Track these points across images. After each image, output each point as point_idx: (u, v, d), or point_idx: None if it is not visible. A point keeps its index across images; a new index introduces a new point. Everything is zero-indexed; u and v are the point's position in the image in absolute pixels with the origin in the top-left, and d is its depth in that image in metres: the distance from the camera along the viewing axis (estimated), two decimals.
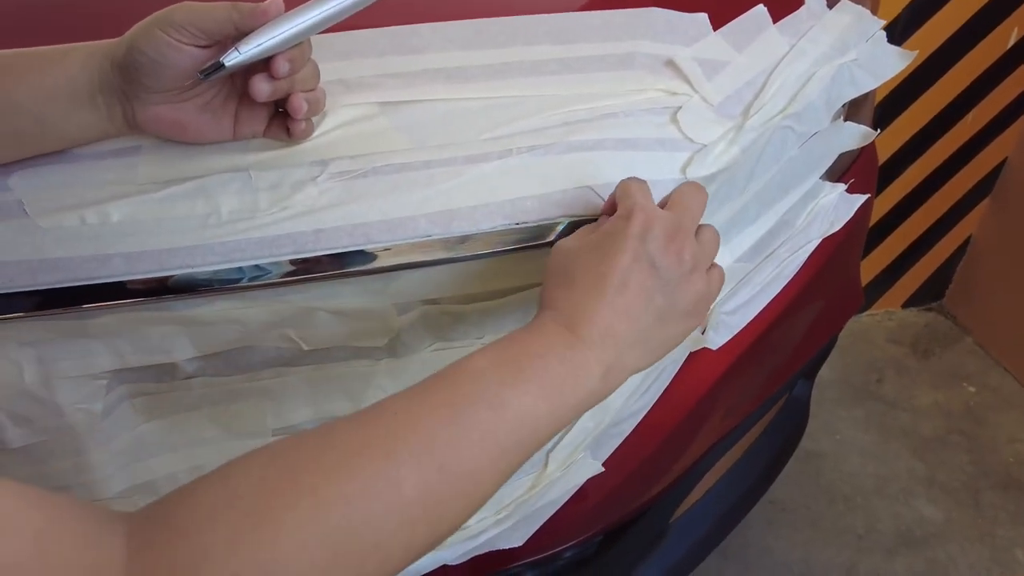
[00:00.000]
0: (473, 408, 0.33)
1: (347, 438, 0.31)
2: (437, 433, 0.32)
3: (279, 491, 0.28)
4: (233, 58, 0.38)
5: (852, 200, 0.63)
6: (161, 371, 0.48)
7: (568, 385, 0.35)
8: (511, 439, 0.34)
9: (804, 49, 0.53)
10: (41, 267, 0.41)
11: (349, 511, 0.29)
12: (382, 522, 0.30)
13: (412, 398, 0.33)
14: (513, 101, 0.47)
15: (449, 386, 0.34)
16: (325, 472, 0.29)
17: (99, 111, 0.41)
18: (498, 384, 0.34)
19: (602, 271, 0.38)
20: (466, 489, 0.32)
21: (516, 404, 0.34)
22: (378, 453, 0.30)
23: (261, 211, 0.42)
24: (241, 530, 0.27)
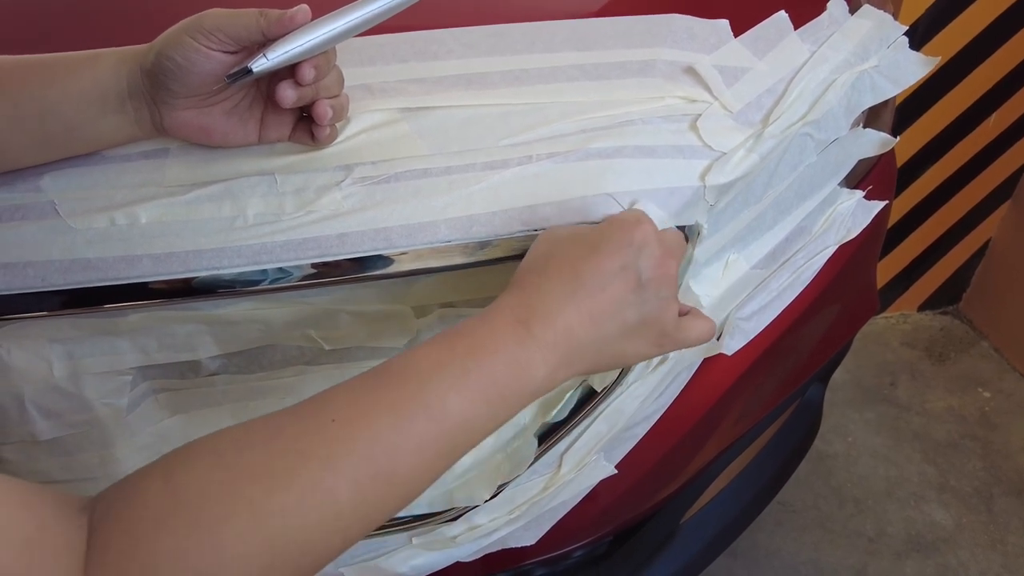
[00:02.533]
0: (414, 416, 0.33)
1: (288, 444, 0.32)
2: (376, 442, 0.32)
3: (220, 502, 0.30)
4: (260, 64, 0.39)
5: (870, 207, 0.63)
6: (185, 368, 0.49)
7: (511, 388, 0.35)
8: (449, 445, 0.34)
9: (825, 56, 0.53)
10: (72, 267, 0.42)
11: (286, 521, 0.30)
12: (317, 528, 0.31)
13: (356, 398, 0.33)
14: (533, 107, 0.48)
15: (393, 387, 0.34)
16: (264, 482, 0.30)
17: (128, 115, 0.41)
18: (443, 391, 0.34)
19: (582, 269, 0.37)
20: (400, 492, 0.33)
21: (457, 412, 0.34)
22: (316, 463, 0.31)
23: (287, 215, 0.42)
24: (186, 543, 0.29)
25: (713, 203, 0.49)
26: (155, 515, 0.29)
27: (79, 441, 0.48)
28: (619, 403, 0.53)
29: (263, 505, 0.30)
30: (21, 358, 0.45)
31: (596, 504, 0.60)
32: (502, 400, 0.35)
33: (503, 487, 0.54)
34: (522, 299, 0.37)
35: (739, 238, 0.56)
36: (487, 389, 0.35)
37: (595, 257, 0.37)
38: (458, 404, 0.34)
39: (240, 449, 0.31)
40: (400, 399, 0.33)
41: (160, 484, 0.30)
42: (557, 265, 0.38)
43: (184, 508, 0.29)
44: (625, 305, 0.38)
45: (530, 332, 0.36)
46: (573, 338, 0.37)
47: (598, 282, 0.37)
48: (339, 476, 0.31)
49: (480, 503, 0.54)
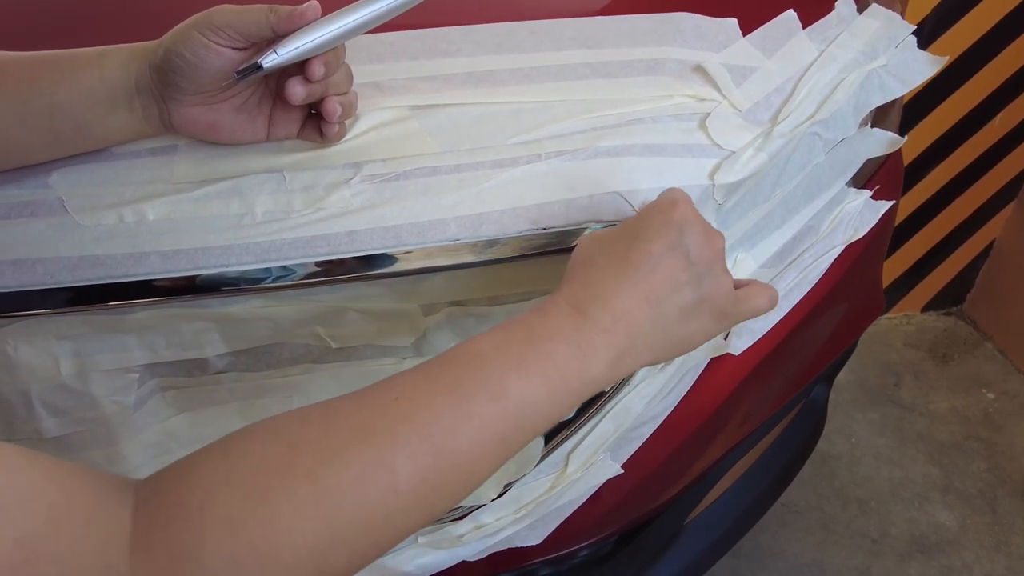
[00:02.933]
0: (474, 397, 0.33)
1: (348, 422, 0.31)
2: (437, 421, 0.32)
3: (277, 474, 0.29)
4: (270, 60, 0.39)
5: (877, 207, 0.63)
6: (192, 366, 0.49)
7: (573, 370, 0.35)
8: (510, 427, 0.33)
9: (833, 55, 0.53)
10: (80, 264, 0.42)
11: (345, 498, 0.29)
12: (377, 508, 0.30)
13: (416, 381, 0.33)
14: (542, 105, 0.47)
15: (452, 371, 0.33)
16: (324, 457, 0.30)
17: (136, 112, 0.41)
18: (501, 371, 0.33)
19: (630, 257, 0.37)
20: (461, 476, 0.33)
21: (517, 393, 0.33)
22: (377, 440, 0.31)
23: (295, 212, 0.42)
24: (239, 513, 0.28)
25: (722, 202, 0.49)
26: (208, 487, 0.28)
27: (86, 439, 0.48)
28: (626, 402, 0.53)
29: (321, 479, 0.29)
30: (28, 355, 0.45)
31: (602, 504, 0.60)
32: (564, 384, 0.35)
33: (509, 486, 0.54)
34: (574, 289, 0.37)
35: (747, 237, 0.56)
36: (548, 373, 0.34)
37: (641, 243, 0.37)
38: (518, 386, 0.33)
39: (300, 424, 0.31)
40: (461, 380, 0.33)
41: (217, 460, 0.29)
42: (605, 257, 0.37)
43: (238, 480, 0.28)
44: (680, 285, 0.37)
45: (586, 317, 0.35)
46: (633, 322, 0.36)
47: (648, 265, 0.36)
48: (399, 453, 0.30)
49: (486, 502, 0.54)
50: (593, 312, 0.35)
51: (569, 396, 0.35)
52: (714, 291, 0.38)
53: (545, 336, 0.35)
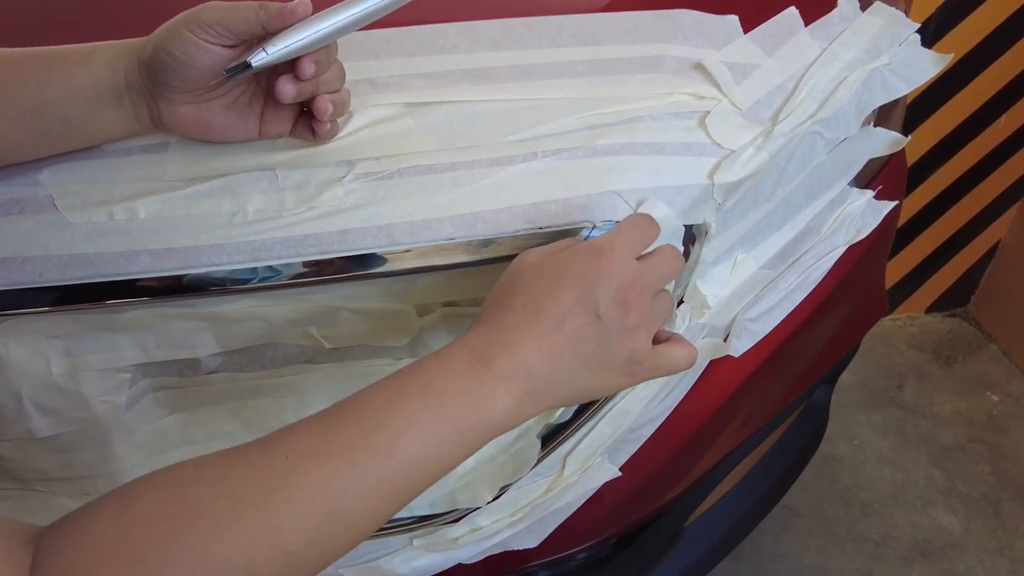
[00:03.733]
0: (365, 457, 0.33)
1: (239, 484, 0.31)
2: (326, 485, 0.32)
3: (168, 543, 0.29)
4: (260, 59, 0.38)
5: (879, 207, 0.62)
6: (184, 365, 0.48)
7: (469, 422, 0.35)
8: (404, 483, 0.34)
9: (836, 53, 0.53)
10: (70, 262, 0.41)
11: (232, 564, 0.30)
12: (267, 568, 0.31)
13: (310, 439, 0.33)
14: (539, 103, 0.47)
15: (346, 429, 0.34)
16: (213, 524, 0.30)
17: (125, 110, 0.41)
18: (394, 429, 0.34)
19: (543, 304, 0.37)
20: (352, 533, 0.33)
21: (410, 450, 0.34)
22: (266, 507, 0.31)
23: (287, 211, 0.42)
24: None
25: (721, 202, 0.48)
26: (100, 551, 0.29)
27: (77, 439, 0.48)
28: (624, 405, 0.52)
29: (210, 547, 0.30)
30: (19, 354, 0.44)
31: (599, 506, 0.59)
32: (460, 436, 0.35)
33: (506, 489, 0.53)
34: (483, 335, 0.37)
35: (747, 237, 0.55)
36: (442, 427, 0.34)
37: (555, 290, 0.37)
38: (411, 444, 0.34)
39: (191, 486, 0.31)
40: (353, 439, 0.33)
41: (112, 518, 0.30)
42: (521, 299, 0.37)
43: (129, 546, 0.29)
44: (583, 338, 0.37)
45: (489, 368, 0.36)
46: (534, 371, 0.36)
47: (557, 317, 0.36)
48: (288, 517, 0.31)
49: (482, 504, 0.53)
50: (496, 363, 0.36)
51: (466, 446, 0.35)
52: (619, 350, 0.38)
53: (439, 390, 0.35)
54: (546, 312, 0.36)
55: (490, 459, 0.54)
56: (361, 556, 0.55)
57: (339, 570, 0.55)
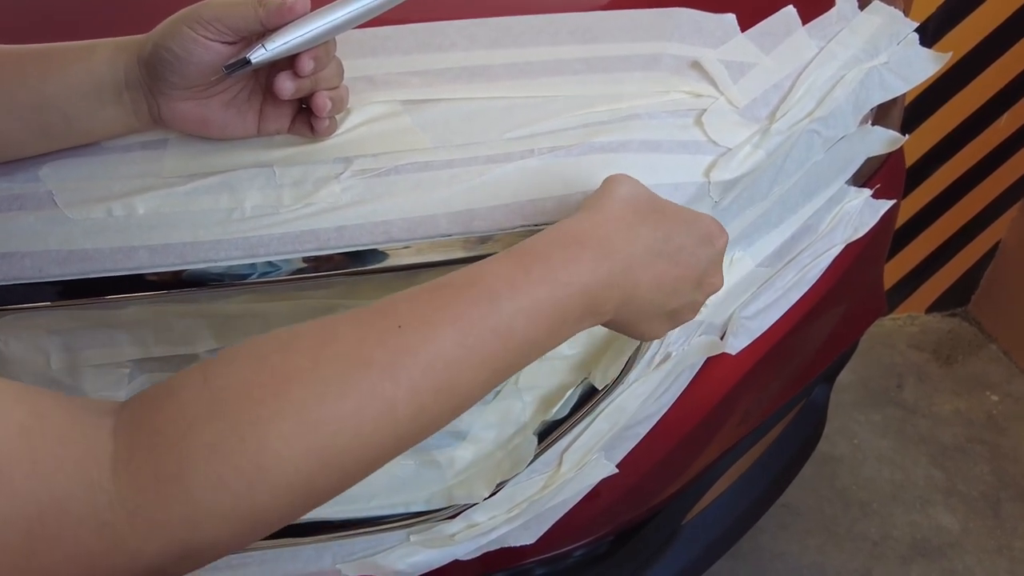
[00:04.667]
0: (481, 334, 0.32)
1: (344, 350, 0.30)
2: (440, 356, 0.31)
3: (265, 402, 0.28)
4: (259, 55, 0.38)
5: (877, 206, 0.63)
6: (183, 361, 0.48)
7: (577, 319, 0.35)
8: (509, 363, 0.34)
9: (833, 52, 0.53)
10: (69, 258, 0.41)
11: (340, 431, 0.28)
12: (372, 437, 0.30)
13: (421, 309, 0.32)
14: (536, 101, 0.47)
15: (461, 303, 0.32)
16: (317, 388, 0.28)
17: (125, 107, 0.41)
18: (511, 313, 0.33)
19: (672, 233, 0.38)
20: (458, 406, 0.33)
21: (522, 334, 0.33)
22: (376, 373, 0.29)
23: (285, 207, 0.42)
24: (225, 441, 0.27)
25: (718, 199, 0.48)
26: (192, 413, 0.27)
27: None
28: (620, 401, 0.53)
29: (314, 411, 0.28)
30: (18, 349, 0.45)
31: (596, 503, 0.59)
32: (565, 328, 0.35)
33: (502, 485, 0.53)
34: (609, 233, 0.37)
35: (744, 235, 0.55)
36: (554, 317, 0.34)
37: (687, 232, 0.39)
38: (524, 327, 0.33)
39: (286, 351, 0.29)
40: (468, 315, 0.32)
41: (198, 385, 0.28)
42: (658, 222, 0.38)
43: (224, 407, 0.27)
44: (680, 291, 0.39)
45: (611, 273, 0.36)
46: (636, 292, 0.37)
47: (677, 256, 0.38)
48: (399, 387, 0.30)
49: (479, 501, 0.53)
50: (617, 274, 0.36)
51: (566, 336, 0.36)
52: (688, 312, 0.41)
53: (562, 282, 0.34)
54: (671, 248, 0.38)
55: (487, 455, 0.54)
56: (358, 552, 0.55)
57: (336, 565, 0.55)
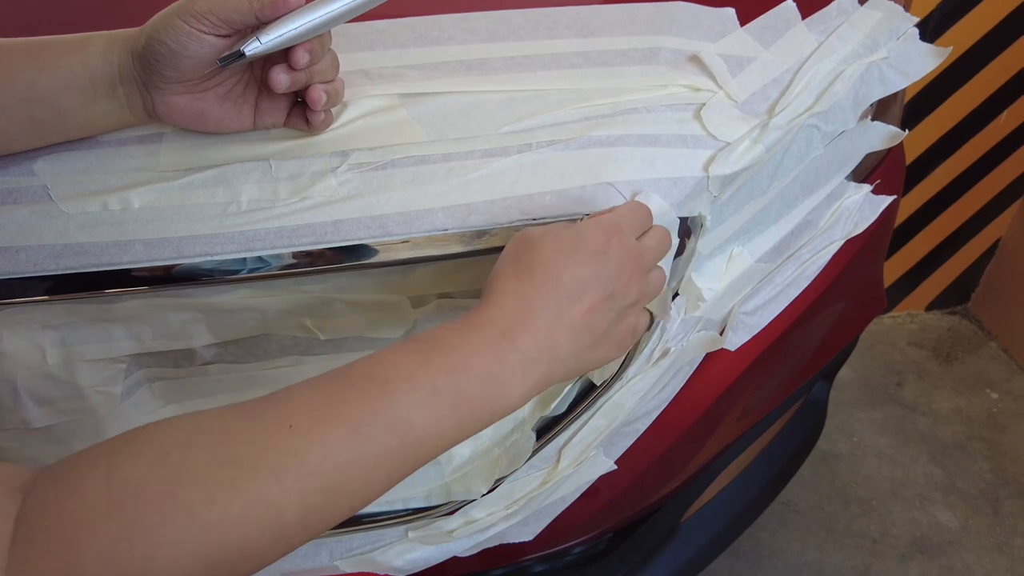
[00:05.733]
0: (375, 433, 0.32)
1: (236, 451, 0.30)
2: (330, 456, 0.31)
3: (158, 507, 0.28)
4: (253, 48, 0.38)
5: (877, 201, 0.62)
6: (180, 356, 0.48)
7: (485, 406, 0.34)
8: (408, 459, 0.33)
9: (833, 46, 0.52)
10: (64, 252, 0.41)
11: (225, 533, 0.29)
12: (258, 540, 0.30)
13: (316, 404, 0.32)
14: (534, 94, 0.47)
15: (356, 399, 0.32)
16: (207, 492, 0.29)
17: (119, 101, 0.41)
18: (408, 405, 0.32)
19: (562, 279, 0.36)
20: (352, 505, 0.32)
21: (421, 428, 0.32)
22: (263, 476, 0.30)
23: (281, 201, 0.42)
24: (115, 545, 0.27)
25: (717, 194, 0.48)
26: (88, 512, 0.28)
27: (73, 429, 0.48)
28: (619, 397, 0.52)
29: (202, 515, 0.28)
30: (14, 344, 0.44)
31: (595, 500, 0.59)
32: (472, 418, 0.34)
33: (501, 481, 0.53)
34: (506, 309, 0.36)
35: (743, 231, 0.55)
36: (457, 407, 0.33)
37: (573, 266, 0.37)
38: (423, 421, 0.33)
39: (186, 449, 0.30)
40: (362, 411, 0.32)
41: (102, 477, 0.29)
42: (542, 272, 0.37)
43: (120, 506, 0.28)
44: (597, 314, 0.37)
45: (515, 346, 0.35)
46: (556, 350, 0.36)
47: (576, 291, 0.36)
48: (287, 490, 0.30)
49: (477, 497, 0.53)
50: (522, 343, 0.35)
51: (475, 426, 0.34)
52: (622, 326, 0.39)
53: (464, 367, 0.34)
54: (565, 289, 0.36)
55: (485, 451, 0.54)
56: (356, 548, 0.55)
57: (334, 562, 0.55)
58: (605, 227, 0.38)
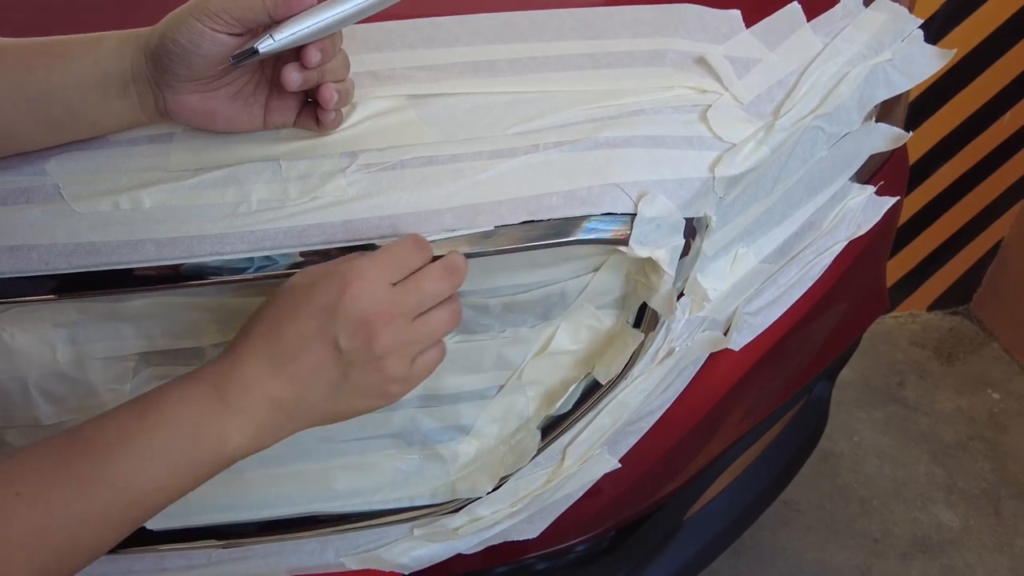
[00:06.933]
0: (98, 492, 0.33)
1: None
2: (53, 518, 0.32)
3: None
4: (267, 45, 0.38)
5: (881, 203, 0.63)
6: (189, 355, 0.49)
7: (203, 456, 0.36)
8: (135, 513, 0.35)
9: (838, 48, 0.53)
10: (75, 251, 0.42)
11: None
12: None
13: (43, 468, 0.33)
14: (541, 96, 0.47)
15: (78, 462, 0.34)
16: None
17: (131, 100, 0.41)
18: (127, 466, 0.34)
19: (281, 335, 0.37)
20: (82, 558, 0.34)
21: (143, 484, 0.34)
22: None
23: (291, 201, 0.42)
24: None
25: (722, 195, 0.48)
26: None
27: None
28: (623, 396, 0.53)
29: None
30: (25, 342, 0.45)
31: (599, 498, 0.59)
32: (193, 469, 0.36)
33: (506, 479, 0.54)
34: (225, 367, 0.37)
35: (748, 232, 0.55)
36: (174, 461, 0.35)
37: (293, 322, 0.37)
38: (141, 478, 0.34)
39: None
40: (84, 474, 0.34)
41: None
42: (262, 329, 0.38)
43: None
44: (326, 369, 0.37)
45: (224, 402, 0.36)
46: (276, 404, 0.37)
47: (296, 346, 0.37)
48: (15, 555, 0.31)
49: (482, 495, 0.54)
50: (233, 398, 0.37)
51: (201, 477, 0.37)
52: (369, 379, 0.38)
53: (176, 423, 0.36)
54: (283, 345, 0.37)
55: (491, 450, 0.54)
56: (361, 545, 0.55)
57: (340, 559, 0.55)
58: (342, 277, 0.37)
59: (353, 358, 0.37)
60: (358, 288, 0.37)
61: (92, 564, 0.35)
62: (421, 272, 0.40)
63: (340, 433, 0.52)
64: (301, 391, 0.38)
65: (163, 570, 0.54)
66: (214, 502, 0.53)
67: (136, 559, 0.53)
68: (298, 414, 0.38)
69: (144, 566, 0.54)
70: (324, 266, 0.39)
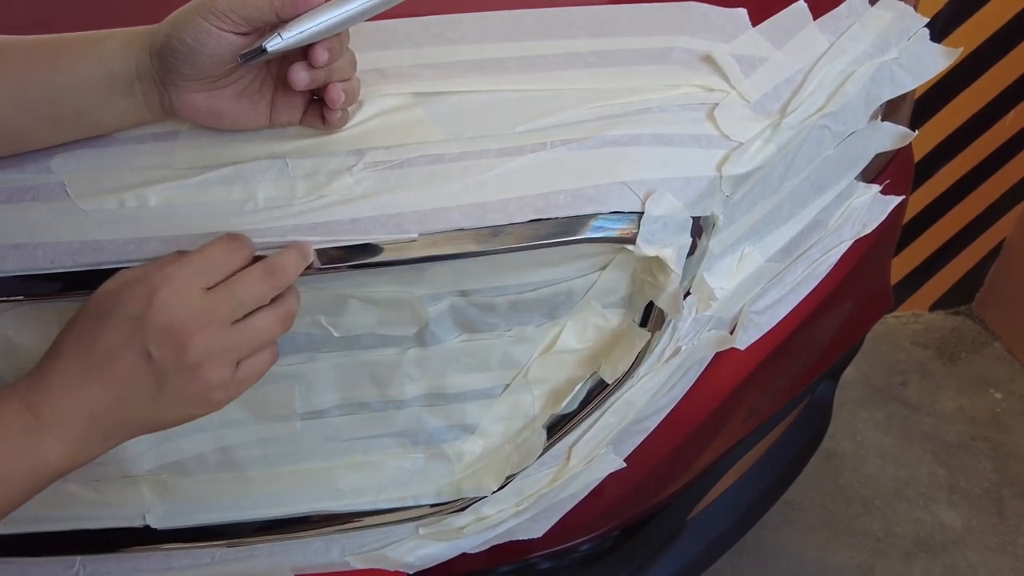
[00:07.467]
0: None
1: None
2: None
3: None
4: (275, 43, 0.38)
5: (886, 202, 0.63)
6: None
7: (19, 471, 0.35)
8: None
9: (844, 47, 0.52)
10: (81, 249, 0.41)
11: None
12: None
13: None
14: (548, 94, 0.47)
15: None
16: None
17: (136, 98, 0.41)
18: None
19: (88, 346, 0.36)
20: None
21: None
22: None
23: (297, 199, 0.42)
24: None
25: (729, 194, 0.48)
26: None
27: None
28: (629, 396, 0.53)
29: None
30: (30, 340, 0.45)
31: (604, 498, 0.59)
32: (18, 486, 0.35)
33: (511, 478, 0.53)
34: (36, 381, 0.37)
35: (754, 230, 0.55)
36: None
37: (100, 332, 0.36)
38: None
39: None
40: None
41: None
42: (70, 342, 0.37)
43: None
44: (139, 378, 0.36)
45: (37, 417, 0.36)
46: (92, 415, 0.36)
47: (107, 357, 0.36)
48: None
49: (488, 494, 0.53)
50: (45, 412, 0.36)
51: (22, 492, 0.36)
52: (186, 388, 0.37)
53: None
54: (94, 355, 0.36)
55: (496, 449, 0.54)
56: (366, 544, 0.55)
57: (345, 558, 0.55)
58: (149, 284, 0.36)
59: (166, 368, 0.36)
60: (166, 295, 0.36)
61: (98, 563, 0.34)
62: (238, 276, 0.38)
63: (345, 432, 0.52)
64: (118, 401, 0.37)
65: (168, 569, 0.54)
66: (219, 501, 0.53)
67: (142, 558, 0.53)
68: (119, 425, 0.37)
69: (150, 565, 0.54)
70: (133, 271, 0.38)
